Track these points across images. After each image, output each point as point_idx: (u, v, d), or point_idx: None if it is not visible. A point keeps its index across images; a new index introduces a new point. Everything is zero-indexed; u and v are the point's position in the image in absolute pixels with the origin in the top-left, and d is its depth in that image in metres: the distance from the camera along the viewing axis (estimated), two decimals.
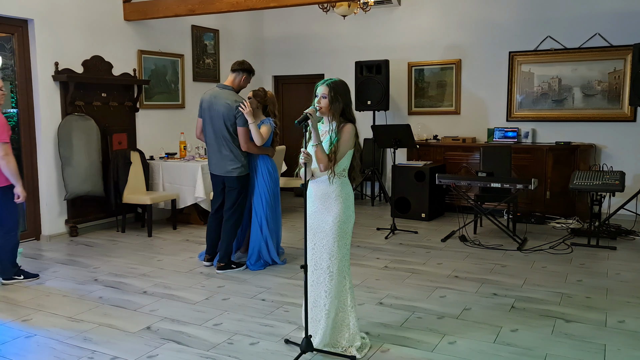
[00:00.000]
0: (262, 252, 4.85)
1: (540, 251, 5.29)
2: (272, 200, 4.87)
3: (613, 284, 4.33)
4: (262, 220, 4.82)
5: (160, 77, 7.09)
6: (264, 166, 4.84)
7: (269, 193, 4.83)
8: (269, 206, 4.84)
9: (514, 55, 7.22)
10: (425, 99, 7.90)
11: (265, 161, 4.85)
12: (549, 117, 7.12)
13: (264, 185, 4.82)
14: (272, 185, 4.87)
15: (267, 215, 4.83)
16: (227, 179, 4.74)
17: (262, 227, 4.84)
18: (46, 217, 5.86)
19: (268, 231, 4.84)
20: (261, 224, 4.84)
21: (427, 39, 7.75)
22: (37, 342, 3.33)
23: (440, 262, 4.98)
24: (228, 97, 4.64)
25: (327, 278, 3.03)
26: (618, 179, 5.30)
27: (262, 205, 4.82)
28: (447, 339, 3.31)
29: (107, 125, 6.29)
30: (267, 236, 4.84)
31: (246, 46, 8.56)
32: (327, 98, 3.00)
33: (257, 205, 4.84)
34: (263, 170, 4.83)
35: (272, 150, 4.91)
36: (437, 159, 7.24)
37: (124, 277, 4.60)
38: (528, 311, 3.76)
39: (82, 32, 6.09)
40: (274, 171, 4.91)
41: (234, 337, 3.39)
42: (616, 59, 6.69)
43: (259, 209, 4.83)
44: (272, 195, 4.86)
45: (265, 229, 4.83)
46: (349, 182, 3.12)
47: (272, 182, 4.87)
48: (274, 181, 4.90)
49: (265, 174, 4.83)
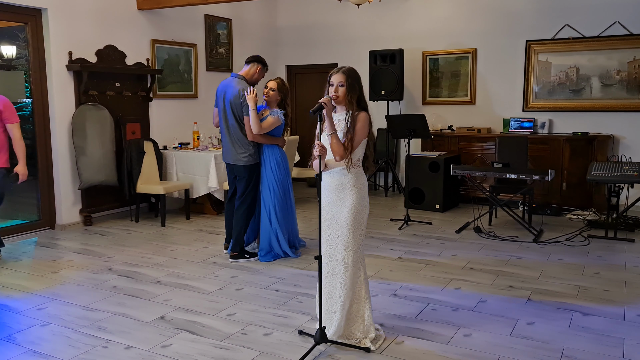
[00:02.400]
0: (273, 244, 4.80)
1: (556, 243, 5.21)
2: (281, 192, 4.79)
3: (631, 276, 4.26)
4: (271, 212, 4.76)
5: (173, 66, 7.08)
6: (272, 157, 4.76)
7: (277, 184, 4.75)
8: (277, 198, 4.76)
9: (530, 44, 7.10)
10: (440, 89, 7.81)
11: (274, 152, 4.77)
12: (566, 107, 7.00)
13: (272, 176, 4.74)
14: (281, 176, 4.79)
15: (275, 207, 4.75)
16: (235, 168, 4.77)
17: (270, 219, 4.77)
18: (61, 206, 5.89)
19: (277, 223, 4.77)
20: (270, 215, 4.77)
21: (442, 27, 7.65)
22: (52, 331, 3.35)
23: (455, 253, 4.94)
24: (237, 86, 4.67)
25: (343, 269, 3.00)
26: (637, 170, 5.20)
27: (271, 197, 4.75)
28: (463, 332, 3.28)
29: (120, 115, 6.30)
30: (276, 228, 4.78)
31: (259, 35, 8.51)
32: (345, 86, 2.97)
33: (265, 196, 4.78)
34: (271, 161, 4.75)
35: (281, 141, 4.83)
36: (452, 150, 7.16)
37: (138, 267, 4.62)
38: (545, 304, 3.71)
39: (96, 22, 6.08)
40: (283, 162, 4.82)
41: (248, 327, 3.38)
42: (636, 48, 6.54)
43: (267, 201, 4.77)
44: (280, 186, 4.78)
45: (274, 220, 4.77)
46: (363, 173, 3.08)
47: (280, 174, 4.78)
48: (283, 172, 4.81)
49: (273, 165, 4.75)
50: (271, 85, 4.70)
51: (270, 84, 4.73)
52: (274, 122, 4.63)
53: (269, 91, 4.69)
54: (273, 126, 4.63)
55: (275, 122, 4.64)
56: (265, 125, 4.59)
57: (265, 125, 4.60)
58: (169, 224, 6.18)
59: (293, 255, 4.84)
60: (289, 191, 4.90)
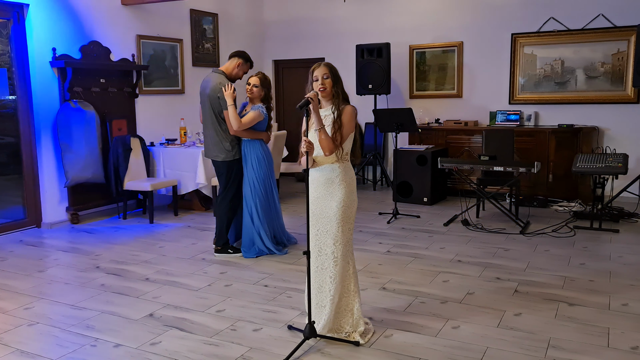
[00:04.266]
0: (256, 241, 4.72)
1: (542, 234, 5.27)
2: (262, 189, 4.69)
3: (616, 267, 4.32)
4: (252, 209, 4.68)
5: (159, 62, 7.02)
6: (253, 153, 4.67)
7: (257, 181, 4.66)
8: (259, 195, 4.67)
9: (516, 37, 7.14)
10: (427, 83, 7.83)
11: (255, 148, 4.68)
12: (551, 100, 7.06)
13: (253, 173, 4.67)
14: (262, 173, 4.69)
15: (256, 204, 4.67)
16: (214, 164, 4.75)
17: (252, 217, 4.69)
18: (47, 204, 5.84)
19: (259, 221, 4.69)
20: (251, 213, 4.69)
21: (428, 21, 7.66)
22: (40, 331, 3.33)
23: (443, 246, 4.97)
24: (215, 80, 4.61)
25: (332, 264, 3.01)
26: (621, 162, 5.27)
27: (251, 194, 4.67)
28: (451, 324, 3.31)
29: (106, 112, 6.25)
30: (258, 226, 4.69)
31: (246, 30, 8.46)
32: (330, 77, 2.99)
33: (246, 193, 4.70)
34: (252, 158, 4.67)
35: (265, 135, 4.73)
36: (439, 143, 7.19)
37: (126, 264, 4.60)
38: (531, 295, 3.75)
39: (80, 18, 6.01)
40: (265, 158, 4.72)
41: (237, 323, 3.38)
42: (620, 40, 6.60)
43: (248, 198, 4.69)
44: (262, 183, 4.68)
45: (255, 218, 4.68)
46: (351, 167, 3.09)
47: (261, 170, 4.68)
48: (265, 169, 4.71)
49: (254, 162, 4.66)
50: (254, 82, 4.64)
51: (252, 80, 4.66)
52: (255, 117, 4.55)
53: (252, 88, 4.63)
54: (254, 121, 4.56)
55: (256, 117, 4.56)
56: (246, 120, 4.52)
57: (246, 120, 4.52)
58: (157, 220, 6.15)
59: (278, 252, 4.77)
60: (272, 188, 4.80)
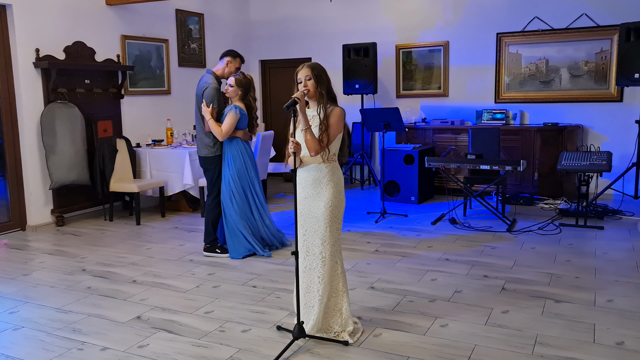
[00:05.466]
0: (239, 240, 4.67)
1: (529, 232, 5.32)
2: (238, 187, 4.63)
3: (601, 263, 4.37)
4: (230, 208, 4.65)
5: (144, 62, 6.97)
6: (230, 151, 4.64)
7: (232, 179, 4.62)
8: (233, 193, 4.62)
9: (501, 37, 7.19)
10: (414, 82, 7.86)
11: (231, 146, 4.64)
12: (536, 99, 7.12)
13: (228, 171, 4.63)
14: (237, 170, 4.62)
15: (232, 202, 4.63)
16: (200, 159, 4.82)
17: (231, 216, 4.65)
18: (31, 207, 5.77)
19: (238, 219, 4.64)
20: (229, 212, 4.66)
21: (414, 21, 7.69)
22: (25, 335, 3.29)
23: (431, 245, 4.99)
24: (203, 80, 4.73)
25: (320, 264, 3.01)
26: (605, 160, 5.33)
27: (227, 192, 4.64)
28: (439, 322, 3.32)
29: (91, 113, 6.19)
30: (238, 225, 4.65)
31: (232, 30, 8.43)
32: (312, 78, 2.98)
33: (223, 191, 4.68)
34: (228, 156, 4.65)
35: (241, 133, 4.65)
36: (426, 142, 7.22)
37: (113, 267, 4.56)
38: (518, 292, 3.78)
39: (63, 18, 5.95)
40: (241, 156, 4.65)
41: (226, 324, 3.37)
42: (603, 39, 6.69)
43: (224, 196, 4.67)
44: (237, 181, 4.62)
45: (233, 217, 4.64)
46: (339, 167, 3.10)
47: (236, 167, 4.62)
48: (241, 167, 4.64)
49: (229, 160, 4.63)
50: (230, 82, 4.66)
51: (229, 80, 4.69)
52: (232, 119, 4.54)
53: (228, 87, 4.65)
54: (233, 124, 4.54)
55: (233, 119, 4.54)
56: (226, 127, 4.53)
57: (226, 127, 4.53)
58: (144, 222, 6.11)
59: (262, 253, 4.70)
60: (251, 187, 4.72)
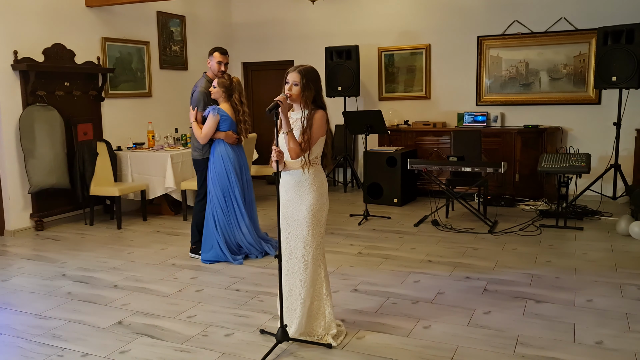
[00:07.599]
0: (213, 245, 4.62)
1: (510, 233, 5.37)
2: (218, 191, 4.58)
3: (581, 263, 4.43)
4: (209, 212, 4.63)
5: (125, 65, 6.91)
6: (213, 154, 4.62)
7: (213, 183, 4.59)
8: (216, 197, 4.59)
9: (482, 40, 7.27)
10: (396, 84, 7.91)
11: (214, 148, 4.62)
12: (517, 101, 7.21)
13: (209, 175, 4.63)
14: (217, 173, 4.59)
15: (214, 207, 4.60)
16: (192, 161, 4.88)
17: (209, 219, 4.63)
18: (10, 211, 5.67)
19: (216, 224, 4.60)
20: (208, 215, 4.64)
21: (396, 23, 7.73)
22: (4, 342, 3.23)
23: (414, 247, 5.02)
24: (196, 84, 4.76)
25: (302, 267, 3.01)
26: (584, 161, 5.41)
27: (209, 195, 4.62)
28: (422, 324, 3.34)
29: (71, 116, 6.11)
30: (213, 230, 4.61)
31: (214, 32, 8.40)
32: (299, 85, 2.95)
33: (210, 196, 4.65)
34: (212, 159, 4.63)
35: (223, 135, 4.58)
36: (409, 144, 7.26)
37: (94, 272, 4.50)
38: (500, 293, 3.82)
39: (42, 19, 5.87)
40: (222, 159, 4.59)
41: (208, 328, 3.35)
42: (581, 43, 6.80)
43: (209, 201, 4.65)
44: (218, 186, 4.58)
45: (211, 222, 4.61)
46: (322, 170, 3.09)
47: (216, 170, 4.59)
48: (220, 169, 4.59)
49: (211, 162, 4.62)
50: (214, 83, 4.64)
51: (214, 81, 4.67)
52: (211, 121, 4.51)
53: (211, 88, 4.64)
54: (212, 127, 4.52)
55: (212, 121, 4.51)
56: (205, 129, 4.52)
57: (205, 129, 4.52)
58: (125, 226, 6.04)
59: (231, 260, 4.59)
60: (230, 192, 4.64)
